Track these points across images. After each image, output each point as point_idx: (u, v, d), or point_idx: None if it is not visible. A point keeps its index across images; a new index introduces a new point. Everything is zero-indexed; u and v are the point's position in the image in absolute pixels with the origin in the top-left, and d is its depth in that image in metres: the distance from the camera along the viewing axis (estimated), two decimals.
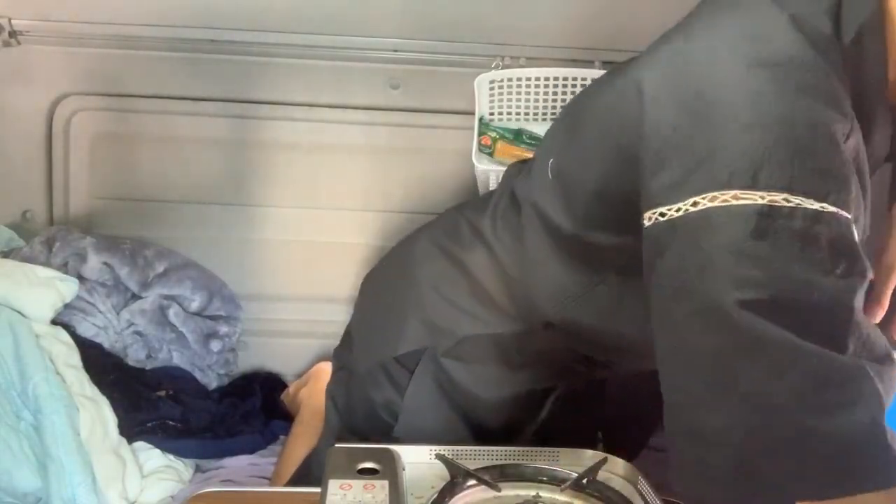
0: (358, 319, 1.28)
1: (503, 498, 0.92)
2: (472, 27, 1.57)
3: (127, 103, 1.63)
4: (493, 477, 0.93)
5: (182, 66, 1.58)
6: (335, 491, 0.87)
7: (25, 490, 1.20)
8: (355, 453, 0.95)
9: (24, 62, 1.58)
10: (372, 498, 0.87)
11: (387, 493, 0.88)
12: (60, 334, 1.34)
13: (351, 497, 0.87)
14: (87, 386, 1.31)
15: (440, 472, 0.94)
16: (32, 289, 1.34)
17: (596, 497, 0.93)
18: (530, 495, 0.94)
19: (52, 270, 1.41)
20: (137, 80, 1.60)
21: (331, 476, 0.90)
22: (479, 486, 0.92)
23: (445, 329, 1.10)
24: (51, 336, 1.32)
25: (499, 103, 1.56)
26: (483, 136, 1.54)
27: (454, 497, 0.90)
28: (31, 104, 1.61)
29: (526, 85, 1.54)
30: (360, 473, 0.92)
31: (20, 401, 1.23)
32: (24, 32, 1.55)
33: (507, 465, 0.96)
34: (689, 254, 0.72)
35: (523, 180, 1.09)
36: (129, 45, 1.57)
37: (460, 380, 1.10)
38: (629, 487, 0.96)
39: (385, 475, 0.91)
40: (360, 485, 0.89)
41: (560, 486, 0.94)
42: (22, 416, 1.23)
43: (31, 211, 1.65)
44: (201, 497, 1.03)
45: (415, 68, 1.62)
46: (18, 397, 1.23)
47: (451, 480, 0.92)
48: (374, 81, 1.62)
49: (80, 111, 1.62)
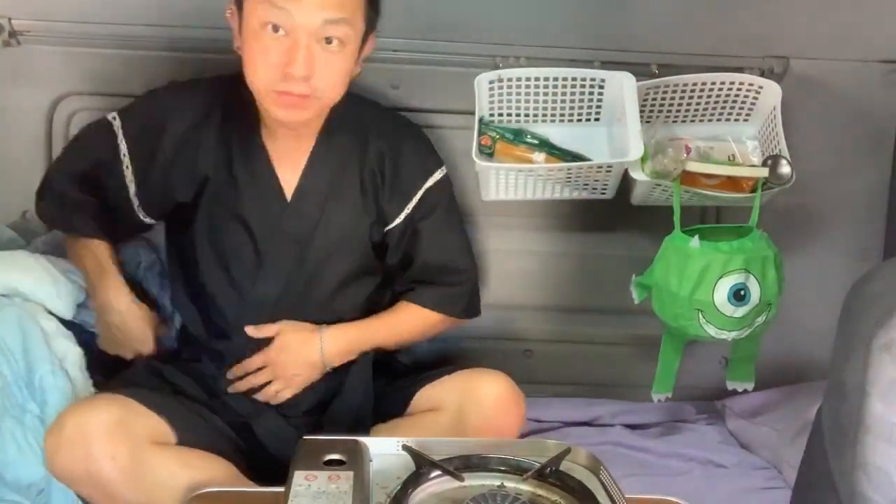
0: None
1: (467, 488, 0.94)
2: (472, 27, 1.58)
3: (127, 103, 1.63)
4: (458, 467, 0.95)
5: (182, 66, 1.58)
6: (300, 482, 0.90)
7: (29, 481, 1.21)
8: (323, 445, 0.97)
9: (24, 62, 1.58)
10: (336, 488, 0.89)
11: (351, 484, 0.90)
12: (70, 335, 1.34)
13: (315, 487, 0.89)
14: (90, 390, 1.31)
15: (407, 463, 0.95)
16: (55, 282, 1.35)
17: (558, 486, 0.95)
18: (494, 485, 0.95)
19: (67, 263, 1.41)
20: (137, 80, 1.59)
21: (296, 467, 0.92)
22: (443, 476, 0.94)
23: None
24: (61, 335, 1.32)
25: (499, 103, 1.56)
26: (483, 136, 1.54)
27: (418, 487, 0.92)
28: (31, 104, 1.61)
29: (526, 85, 1.55)
30: (326, 465, 0.94)
31: (27, 392, 1.24)
32: (24, 32, 1.55)
33: (472, 456, 0.97)
34: None
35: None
36: (129, 45, 1.57)
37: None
38: (591, 477, 0.98)
39: (351, 466, 0.93)
40: (324, 476, 0.91)
41: (523, 475, 0.96)
42: (27, 409, 1.23)
43: (31, 211, 1.64)
44: (201, 497, 1.04)
45: (415, 68, 1.62)
46: (25, 388, 1.24)
47: (417, 471, 0.94)
48: (374, 81, 1.62)
49: (80, 111, 1.62)
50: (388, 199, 1.39)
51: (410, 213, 1.40)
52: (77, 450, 1.08)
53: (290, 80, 1.17)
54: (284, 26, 1.16)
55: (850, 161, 1.73)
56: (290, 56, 1.16)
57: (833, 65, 1.65)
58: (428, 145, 1.47)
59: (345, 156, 1.36)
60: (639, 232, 1.70)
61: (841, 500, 0.86)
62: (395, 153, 1.38)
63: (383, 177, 1.38)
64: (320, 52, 1.18)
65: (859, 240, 1.76)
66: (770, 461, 1.60)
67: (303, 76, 1.16)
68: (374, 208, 1.39)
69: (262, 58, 1.17)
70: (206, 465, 1.19)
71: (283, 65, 1.16)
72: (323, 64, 1.18)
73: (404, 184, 1.39)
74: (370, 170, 1.38)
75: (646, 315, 1.53)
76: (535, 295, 1.75)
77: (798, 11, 1.59)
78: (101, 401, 1.14)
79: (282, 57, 1.16)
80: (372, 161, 1.37)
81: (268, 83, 1.19)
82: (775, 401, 1.69)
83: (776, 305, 1.46)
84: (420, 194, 1.40)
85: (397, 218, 1.40)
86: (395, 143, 1.39)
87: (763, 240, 1.45)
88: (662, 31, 1.60)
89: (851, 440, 0.82)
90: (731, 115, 1.60)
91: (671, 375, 1.58)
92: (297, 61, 1.15)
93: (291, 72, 1.16)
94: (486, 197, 1.58)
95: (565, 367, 1.79)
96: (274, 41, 1.16)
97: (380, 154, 1.37)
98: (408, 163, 1.39)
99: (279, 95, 1.19)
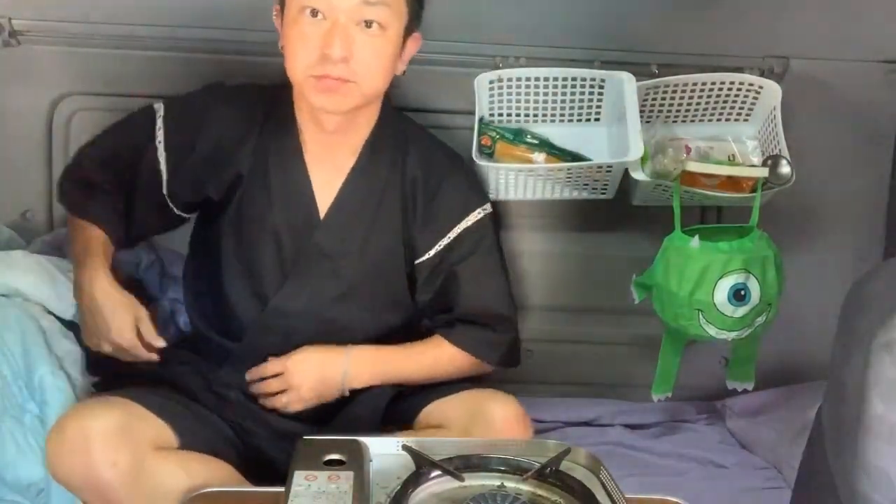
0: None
1: (468, 488, 0.94)
2: (472, 27, 1.58)
3: (127, 103, 1.61)
4: (458, 467, 0.95)
5: (182, 66, 1.58)
6: (300, 482, 0.90)
7: (29, 481, 1.21)
8: (323, 445, 0.97)
9: (24, 62, 1.58)
10: (336, 488, 0.89)
11: (351, 484, 0.90)
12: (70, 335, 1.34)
13: (315, 487, 0.89)
14: (90, 390, 1.31)
15: (407, 463, 0.95)
16: (55, 282, 1.35)
17: (558, 486, 0.95)
18: (494, 485, 0.95)
19: (67, 263, 1.40)
20: (137, 80, 1.60)
21: (296, 467, 0.92)
22: (443, 476, 0.94)
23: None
24: (61, 335, 1.32)
25: (499, 103, 1.56)
26: (483, 136, 1.54)
27: (418, 487, 0.92)
28: (31, 104, 1.61)
29: (526, 85, 1.55)
30: (326, 465, 0.93)
31: (27, 392, 1.24)
32: (24, 32, 1.55)
33: (472, 456, 0.97)
34: None
35: None
36: (129, 45, 1.57)
37: None
38: (591, 477, 0.98)
39: (351, 466, 0.93)
40: (324, 475, 0.91)
41: (523, 475, 0.96)
42: (27, 409, 1.23)
43: (31, 211, 1.65)
44: (201, 497, 1.04)
45: (415, 68, 1.61)
46: (25, 388, 1.24)
47: (417, 471, 0.93)
48: None
49: (80, 111, 1.62)
50: (421, 230, 1.34)
51: (444, 251, 1.35)
52: (78, 456, 1.07)
53: (328, 63, 1.15)
54: (322, 10, 1.15)
55: (850, 161, 1.73)
56: (328, 38, 1.14)
57: (833, 65, 1.65)
58: (472, 179, 1.42)
59: (387, 173, 1.32)
60: (639, 232, 1.70)
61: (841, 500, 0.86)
62: (434, 181, 1.34)
63: (415, 204, 1.34)
64: (359, 35, 1.16)
65: (859, 240, 1.76)
66: (770, 461, 1.60)
67: (341, 57, 1.15)
68: (407, 235, 1.35)
69: (301, 43, 1.16)
70: (207, 469, 1.17)
71: (321, 47, 1.15)
72: (362, 47, 1.16)
73: (440, 218, 1.34)
74: (408, 193, 1.34)
75: (646, 315, 1.53)
76: (535, 295, 1.74)
77: (798, 11, 1.59)
78: (102, 405, 1.12)
79: (320, 40, 1.15)
80: (408, 184, 1.34)
81: (306, 67, 1.17)
82: (775, 401, 1.69)
83: (776, 305, 1.46)
84: (457, 232, 1.35)
85: (428, 252, 1.35)
86: (434, 170, 1.35)
87: (763, 240, 1.45)
88: (662, 31, 1.60)
89: (851, 440, 0.82)
90: (730, 115, 1.60)
91: (671, 375, 1.58)
92: (334, 42, 1.14)
93: (329, 53, 1.14)
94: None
95: (565, 367, 1.79)
96: (312, 25, 1.16)
97: (414, 179, 1.33)
98: (446, 195, 1.34)
99: (318, 80, 1.17)
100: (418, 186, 1.34)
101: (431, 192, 1.34)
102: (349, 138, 1.30)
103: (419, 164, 1.34)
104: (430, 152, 1.37)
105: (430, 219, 1.34)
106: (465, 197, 1.37)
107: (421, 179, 1.34)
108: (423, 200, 1.33)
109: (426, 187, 1.34)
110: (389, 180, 1.32)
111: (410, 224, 1.34)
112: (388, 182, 1.32)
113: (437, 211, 1.34)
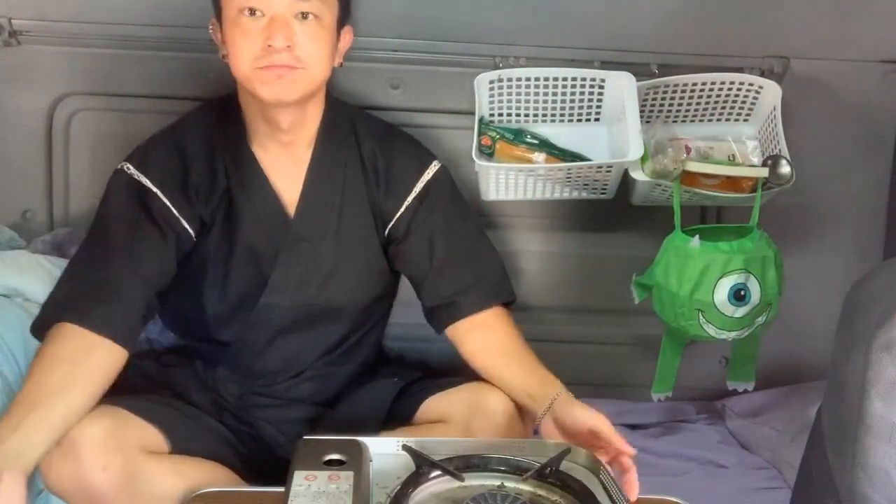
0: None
1: (468, 488, 0.94)
2: (472, 27, 1.58)
3: (127, 103, 1.63)
4: (458, 467, 0.95)
5: (182, 66, 1.58)
6: (300, 482, 0.90)
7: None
8: (323, 445, 0.97)
9: (24, 62, 1.58)
10: (336, 488, 0.89)
11: (351, 484, 0.90)
12: None
13: (315, 487, 0.89)
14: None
15: (407, 463, 0.95)
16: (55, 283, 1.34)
17: (558, 487, 0.95)
18: (494, 485, 0.95)
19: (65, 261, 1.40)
20: (137, 80, 1.60)
21: (296, 467, 0.93)
22: (443, 476, 0.94)
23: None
24: None
25: (499, 103, 1.56)
26: (483, 136, 1.54)
27: (418, 487, 0.92)
28: (31, 104, 1.61)
29: (526, 85, 1.55)
30: (326, 465, 0.94)
31: None
32: (24, 32, 1.55)
33: (472, 456, 0.97)
34: None
35: None
36: (129, 45, 1.57)
37: None
38: (591, 477, 0.99)
39: (351, 466, 0.94)
40: (324, 475, 0.91)
41: (523, 475, 0.96)
42: None
43: (31, 211, 1.65)
44: (201, 497, 1.04)
45: (415, 68, 1.62)
46: None
47: (417, 471, 0.94)
48: (374, 81, 1.62)
49: (80, 111, 1.62)
50: (386, 196, 1.38)
51: (412, 207, 1.37)
52: (67, 462, 1.06)
53: (273, 52, 1.19)
54: (260, 7, 1.19)
55: (850, 161, 1.73)
56: (270, 30, 1.18)
57: (833, 65, 1.65)
58: (414, 140, 1.46)
59: (344, 153, 1.36)
60: (639, 232, 1.71)
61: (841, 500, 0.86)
62: (388, 150, 1.38)
63: (377, 174, 1.37)
64: (298, 25, 1.20)
65: (859, 240, 1.76)
66: (770, 461, 1.60)
67: (284, 46, 1.18)
68: (375, 203, 1.38)
69: (243, 39, 1.20)
70: (201, 472, 1.17)
71: (263, 40, 1.18)
72: (302, 36, 1.20)
73: (402, 177, 1.38)
74: (367, 164, 1.37)
75: (646, 315, 1.54)
76: (535, 295, 1.74)
77: (798, 11, 1.59)
78: (90, 413, 1.11)
79: (261, 34, 1.19)
80: (366, 155, 1.37)
81: (251, 60, 1.20)
82: (775, 401, 1.69)
83: (776, 305, 1.46)
84: (419, 187, 1.38)
85: (397, 213, 1.38)
86: (385, 141, 1.39)
87: (763, 240, 1.45)
88: (662, 31, 1.60)
89: (851, 440, 0.82)
90: (731, 115, 1.60)
91: (671, 375, 1.58)
92: (276, 33, 1.18)
93: (273, 44, 1.18)
94: (486, 197, 1.58)
95: (565, 367, 1.78)
96: (252, 23, 1.19)
97: (372, 152, 1.37)
98: (401, 158, 1.38)
99: (263, 71, 1.20)
100: (377, 155, 1.37)
101: (388, 157, 1.38)
102: (304, 133, 1.33)
103: (369, 135, 1.38)
104: (373, 123, 1.43)
105: (392, 181, 1.37)
106: (418, 155, 1.41)
107: (377, 147, 1.38)
108: (383, 166, 1.37)
109: (383, 154, 1.38)
110: (348, 157, 1.36)
111: (375, 191, 1.37)
112: (347, 159, 1.36)
113: (399, 171, 1.37)
